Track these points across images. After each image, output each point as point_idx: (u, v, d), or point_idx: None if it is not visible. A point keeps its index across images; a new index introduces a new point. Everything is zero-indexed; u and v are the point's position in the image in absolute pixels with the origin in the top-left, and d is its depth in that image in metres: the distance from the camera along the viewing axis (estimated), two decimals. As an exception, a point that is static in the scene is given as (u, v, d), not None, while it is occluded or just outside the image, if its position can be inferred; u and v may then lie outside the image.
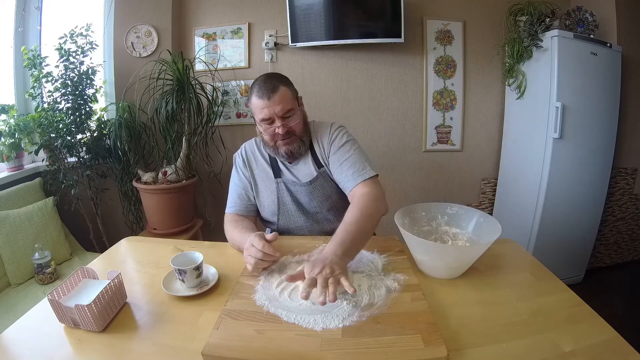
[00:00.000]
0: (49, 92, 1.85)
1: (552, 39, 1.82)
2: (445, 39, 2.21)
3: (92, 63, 1.94)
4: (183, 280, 0.83)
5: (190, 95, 1.88)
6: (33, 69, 1.80)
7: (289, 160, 1.15)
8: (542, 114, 1.90)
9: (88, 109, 1.94)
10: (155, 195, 1.91)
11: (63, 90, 1.85)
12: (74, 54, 1.85)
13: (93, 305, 0.69)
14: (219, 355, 0.62)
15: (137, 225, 2.22)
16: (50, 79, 1.83)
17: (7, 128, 1.76)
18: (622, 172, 2.18)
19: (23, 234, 1.58)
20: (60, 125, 1.86)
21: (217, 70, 2.07)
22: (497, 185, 2.39)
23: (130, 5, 2.10)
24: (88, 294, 0.76)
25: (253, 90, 1.05)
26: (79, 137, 1.95)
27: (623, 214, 2.27)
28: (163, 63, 1.88)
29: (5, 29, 1.93)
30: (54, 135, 1.87)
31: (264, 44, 2.17)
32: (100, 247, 2.09)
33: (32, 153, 1.89)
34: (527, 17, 1.94)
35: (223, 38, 2.23)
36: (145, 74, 1.90)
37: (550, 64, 1.83)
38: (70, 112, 1.87)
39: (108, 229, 2.17)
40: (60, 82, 1.84)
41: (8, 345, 0.69)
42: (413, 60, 2.23)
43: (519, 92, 2.08)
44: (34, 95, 1.84)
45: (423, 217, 1.02)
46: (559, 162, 1.89)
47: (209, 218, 2.27)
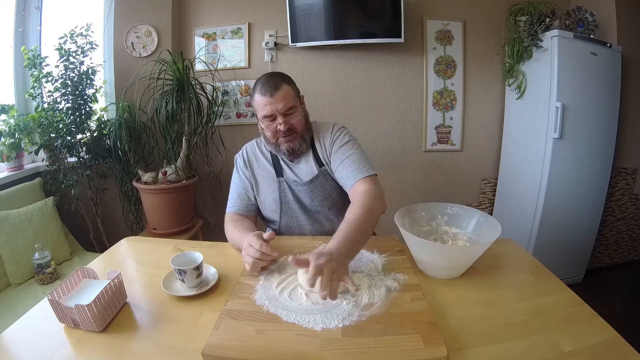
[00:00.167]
0: (49, 92, 1.85)
1: (552, 39, 1.82)
2: (445, 39, 2.21)
3: (92, 63, 1.94)
4: (183, 280, 0.83)
5: (190, 95, 1.88)
6: (33, 69, 1.80)
7: (290, 158, 1.16)
8: (542, 114, 1.90)
9: (88, 109, 1.95)
10: (155, 195, 1.92)
11: (63, 90, 1.85)
12: (74, 54, 1.85)
13: (93, 305, 0.69)
14: (219, 355, 0.62)
15: (137, 225, 2.22)
16: (50, 79, 1.83)
17: (7, 128, 1.76)
18: (622, 172, 2.18)
19: (23, 234, 1.58)
20: (60, 125, 1.86)
21: (217, 70, 2.07)
22: (497, 185, 2.39)
23: (130, 5, 2.10)
24: (88, 294, 0.76)
25: (256, 88, 1.07)
26: (79, 137, 1.95)
27: (623, 214, 2.27)
28: (163, 63, 1.88)
29: (5, 29, 1.93)
30: (54, 135, 1.87)
31: (264, 44, 2.17)
32: (100, 247, 2.09)
33: (32, 153, 1.89)
34: (527, 17, 1.94)
35: (223, 38, 2.23)
36: (145, 74, 1.90)
37: (550, 64, 1.83)
38: (70, 112, 1.87)
39: (108, 229, 2.17)
40: (60, 82, 1.84)
41: (8, 345, 0.69)
42: (413, 60, 2.23)
43: (519, 92, 2.08)
44: (34, 95, 1.84)
45: (423, 217, 1.02)
46: (559, 162, 1.89)
47: (209, 218, 2.27)
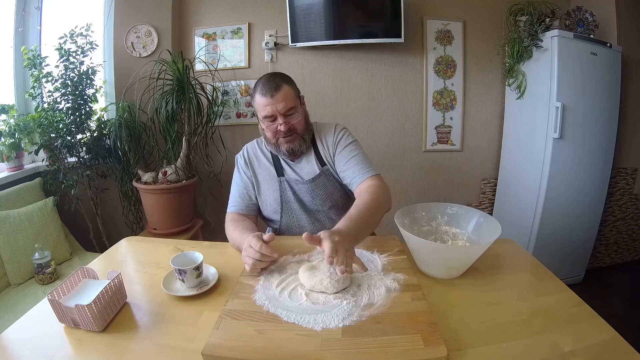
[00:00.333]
0: (49, 92, 1.85)
1: (552, 39, 1.82)
2: (445, 39, 2.21)
3: (92, 63, 1.94)
4: (183, 280, 0.83)
5: (190, 95, 1.88)
6: (33, 69, 1.80)
7: (290, 158, 1.16)
8: (542, 114, 1.90)
9: (88, 109, 1.95)
10: (155, 195, 1.92)
11: (63, 90, 1.85)
12: (74, 54, 1.85)
13: (93, 305, 0.69)
14: (219, 355, 0.62)
15: (137, 225, 2.22)
16: (50, 79, 1.83)
17: (7, 128, 1.76)
18: (622, 172, 2.18)
19: (23, 234, 1.58)
20: (60, 125, 1.86)
21: (217, 70, 2.07)
22: (497, 185, 2.39)
23: (130, 5, 2.10)
24: (88, 294, 0.76)
25: (257, 88, 1.08)
26: (79, 137, 1.96)
27: (623, 214, 2.27)
28: (163, 63, 1.88)
29: (5, 29, 1.93)
30: (54, 135, 1.87)
31: (264, 44, 2.17)
32: (100, 247, 2.09)
33: (32, 153, 1.89)
34: (527, 17, 1.94)
35: (223, 38, 2.23)
36: (145, 74, 1.90)
37: (550, 64, 1.83)
38: (70, 112, 1.87)
39: (108, 229, 2.17)
40: (60, 82, 1.84)
41: (8, 345, 0.69)
42: (413, 60, 2.23)
43: (519, 92, 2.08)
44: (34, 95, 1.84)
45: (423, 217, 1.02)
46: (559, 162, 1.89)
47: (209, 218, 2.27)
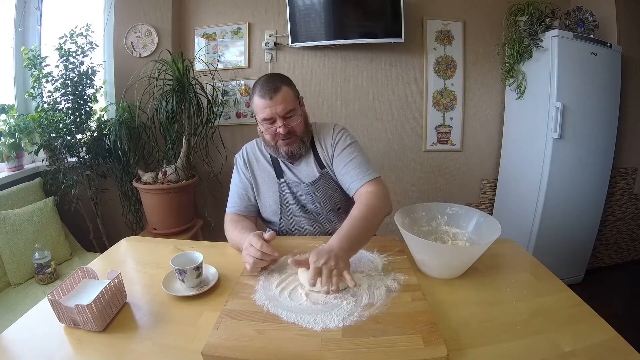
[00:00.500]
0: (49, 92, 1.85)
1: (552, 39, 1.82)
2: (445, 39, 2.21)
3: (92, 63, 1.94)
4: (183, 280, 0.83)
5: (190, 95, 1.88)
6: (33, 69, 1.80)
7: (290, 161, 1.15)
8: (542, 114, 1.90)
9: (88, 109, 1.94)
10: (155, 195, 1.91)
11: (63, 90, 1.85)
12: (74, 54, 1.85)
13: (93, 305, 0.69)
14: (219, 355, 0.62)
15: (137, 225, 2.22)
16: (50, 79, 1.83)
17: (7, 128, 1.76)
18: (622, 172, 2.18)
19: (23, 234, 1.58)
20: (60, 125, 1.86)
21: (217, 70, 2.07)
22: (497, 185, 2.39)
23: (130, 5, 2.10)
24: (88, 294, 0.76)
25: (255, 90, 1.06)
26: (79, 137, 1.95)
27: (623, 214, 2.27)
28: (163, 63, 1.88)
29: (5, 29, 1.93)
30: (54, 135, 1.87)
31: (264, 44, 2.17)
32: (100, 247, 2.09)
33: (32, 153, 1.89)
34: (527, 17, 1.94)
35: (223, 38, 2.23)
36: (145, 74, 1.90)
37: (550, 64, 1.83)
38: (70, 112, 1.87)
39: (108, 229, 2.17)
40: (60, 82, 1.84)
41: (8, 345, 0.69)
42: (413, 60, 2.23)
43: (519, 92, 2.08)
44: (34, 95, 1.84)
45: (423, 217, 1.02)
46: (559, 162, 1.89)
47: (209, 218, 2.27)
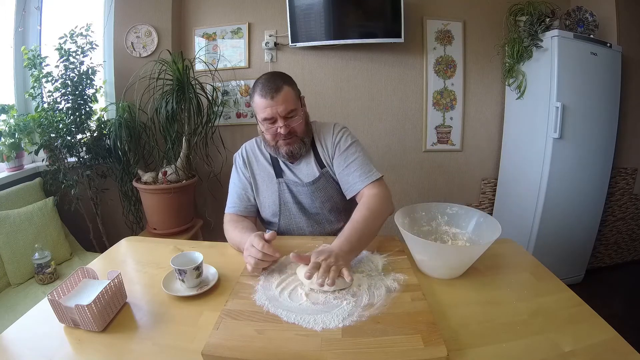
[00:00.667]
0: (49, 92, 1.85)
1: (552, 39, 1.82)
2: (445, 39, 2.21)
3: (92, 63, 1.94)
4: (183, 280, 0.82)
5: (190, 95, 1.88)
6: (33, 69, 1.80)
7: (290, 161, 1.14)
8: (542, 114, 1.90)
9: (88, 109, 1.94)
10: (155, 195, 1.91)
11: (63, 90, 1.85)
12: (74, 54, 1.85)
13: (93, 305, 0.69)
14: (219, 355, 0.62)
15: (137, 225, 2.22)
16: (50, 79, 1.83)
17: (7, 128, 1.76)
18: (622, 172, 2.18)
19: (23, 234, 1.58)
20: (60, 125, 1.86)
21: (217, 70, 2.07)
22: (497, 185, 2.39)
23: (130, 5, 2.10)
24: (88, 294, 0.76)
25: (256, 89, 1.04)
26: (79, 137, 1.95)
27: (623, 214, 2.27)
28: (163, 63, 1.88)
29: (5, 29, 1.93)
30: (54, 135, 1.87)
31: (264, 44, 2.17)
32: (100, 247, 2.09)
33: (32, 153, 1.89)
34: (527, 17, 1.94)
35: (223, 38, 2.23)
36: (145, 74, 1.90)
37: (550, 64, 1.83)
38: (70, 112, 1.87)
39: (108, 229, 2.17)
40: (60, 82, 1.84)
41: (8, 345, 0.69)
42: (413, 60, 2.23)
43: (519, 92, 2.08)
44: (34, 95, 1.84)
45: (423, 217, 1.02)
46: (559, 162, 1.89)
47: (209, 218, 2.27)
